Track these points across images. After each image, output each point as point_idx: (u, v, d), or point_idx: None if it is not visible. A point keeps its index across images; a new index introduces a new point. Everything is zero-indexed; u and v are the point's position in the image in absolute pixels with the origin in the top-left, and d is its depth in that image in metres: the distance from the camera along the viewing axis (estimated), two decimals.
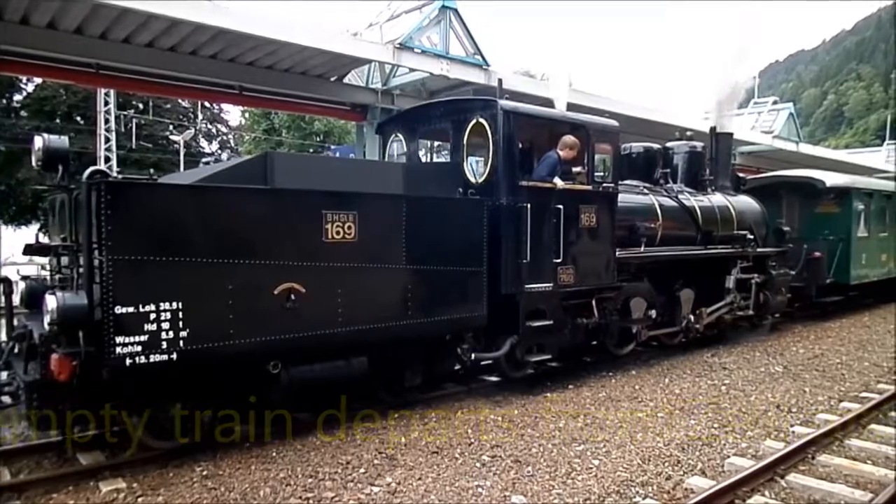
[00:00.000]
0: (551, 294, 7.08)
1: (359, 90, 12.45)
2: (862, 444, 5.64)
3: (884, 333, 11.32)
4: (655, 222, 8.65)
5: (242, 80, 11.18)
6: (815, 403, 6.93)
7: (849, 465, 5.14)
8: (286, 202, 5.27)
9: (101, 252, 4.45)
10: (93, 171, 4.58)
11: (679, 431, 5.97)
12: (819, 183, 13.05)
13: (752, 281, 10.21)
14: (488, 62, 11.75)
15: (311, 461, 5.26)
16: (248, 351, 5.04)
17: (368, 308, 5.69)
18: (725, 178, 10.88)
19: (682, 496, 4.56)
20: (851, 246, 12.90)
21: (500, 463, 5.20)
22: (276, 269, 5.12)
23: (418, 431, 5.98)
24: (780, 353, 9.57)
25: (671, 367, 8.61)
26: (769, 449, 5.44)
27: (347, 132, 38.37)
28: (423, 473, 4.99)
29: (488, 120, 6.73)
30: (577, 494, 4.62)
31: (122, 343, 4.45)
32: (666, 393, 7.30)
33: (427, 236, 6.03)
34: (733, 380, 7.91)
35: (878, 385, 7.68)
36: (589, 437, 5.81)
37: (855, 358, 9.25)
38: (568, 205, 7.06)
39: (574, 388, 7.52)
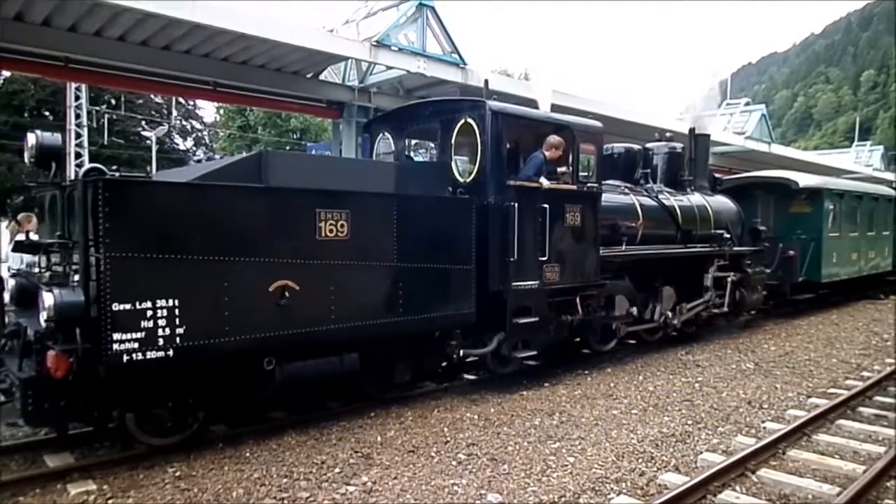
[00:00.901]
0: (537, 291, 7.20)
1: (335, 87, 12.36)
2: (830, 439, 5.76)
3: (851, 331, 11.57)
4: (637, 221, 8.83)
5: (217, 75, 11.02)
6: (785, 399, 7.05)
7: (817, 460, 5.24)
8: (280, 200, 5.32)
9: (99, 249, 4.46)
10: (89, 169, 4.62)
11: (653, 428, 6.03)
12: (792, 183, 13.40)
13: (729, 279, 10.42)
14: (465, 61, 11.74)
15: (286, 461, 5.21)
16: (243, 348, 5.08)
17: (360, 305, 5.78)
18: (703, 178, 11.11)
19: (656, 492, 4.60)
20: (823, 245, 13.26)
21: (476, 461, 5.20)
22: (270, 266, 5.17)
23: (394, 430, 5.96)
24: (751, 350, 9.72)
25: (646, 364, 8.70)
26: (740, 444, 5.52)
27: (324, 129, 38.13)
28: (400, 472, 4.97)
29: (476, 120, 6.83)
30: (552, 492, 4.64)
31: (119, 340, 4.48)
32: (640, 390, 7.37)
33: (417, 234, 6.13)
34: (706, 377, 8.02)
35: (846, 381, 7.84)
36: (564, 434, 5.84)
37: (823, 355, 9.43)
38: (553, 204, 7.19)
39: (550, 386, 7.56)
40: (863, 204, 15.50)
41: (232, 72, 10.95)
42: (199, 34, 9.68)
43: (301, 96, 12.23)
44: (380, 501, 4.50)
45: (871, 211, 15.99)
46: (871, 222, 15.94)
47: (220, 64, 10.71)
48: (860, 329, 11.72)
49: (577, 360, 8.69)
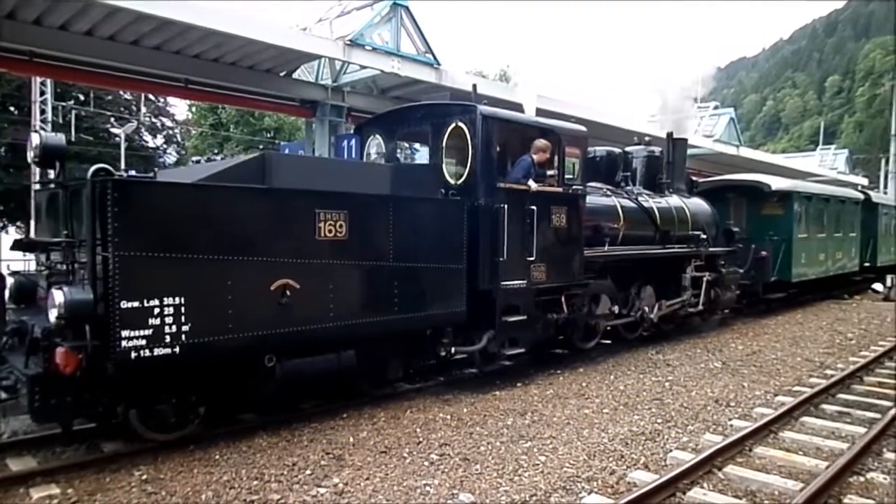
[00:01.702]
0: (525, 291, 7.40)
1: (308, 86, 12.25)
2: (795, 436, 5.88)
3: (816, 330, 11.84)
4: (618, 223, 9.08)
5: (188, 72, 10.84)
6: (752, 398, 7.19)
7: (782, 457, 5.35)
8: (282, 201, 5.46)
9: (107, 248, 4.54)
10: (97, 169, 4.66)
11: (623, 427, 6.10)
12: (765, 186, 13.99)
13: (705, 279, 10.72)
14: (439, 61, 11.74)
15: (257, 463, 5.15)
16: (246, 345, 5.21)
17: (357, 303, 5.96)
18: (680, 181, 11.41)
19: (626, 490, 4.65)
20: (793, 246, 13.79)
21: (449, 461, 5.21)
22: (272, 265, 5.31)
23: (367, 431, 5.94)
24: (719, 349, 9.89)
25: (617, 364, 8.80)
26: (708, 442, 5.61)
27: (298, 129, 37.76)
28: (371, 473, 4.95)
29: (468, 124, 7.01)
30: (523, 491, 4.66)
31: (127, 337, 4.58)
32: (611, 389, 7.45)
33: (412, 235, 6.32)
34: (676, 376, 8.14)
35: (811, 379, 8.02)
36: (536, 433, 5.88)
37: (789, 354, 9.64)
38: (541, 206, 7.39)
39: (522, 385, 7.60)
40: (830, 206, 16.04)
41: (203, 69, 10.80)
42: (169, 30, 9.52)
43: (274, 95, 12.11)
44: (351, 503, 4.47)
45: (838, 213, 16.54)
46: (838, 224, 16.49)
47: (191, 60, 10.54)
48: (824, 328, 12.01)
49: (550, 359, 8.75)
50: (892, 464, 5.19)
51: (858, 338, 11.02)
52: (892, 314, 13.94)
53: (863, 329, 11.95)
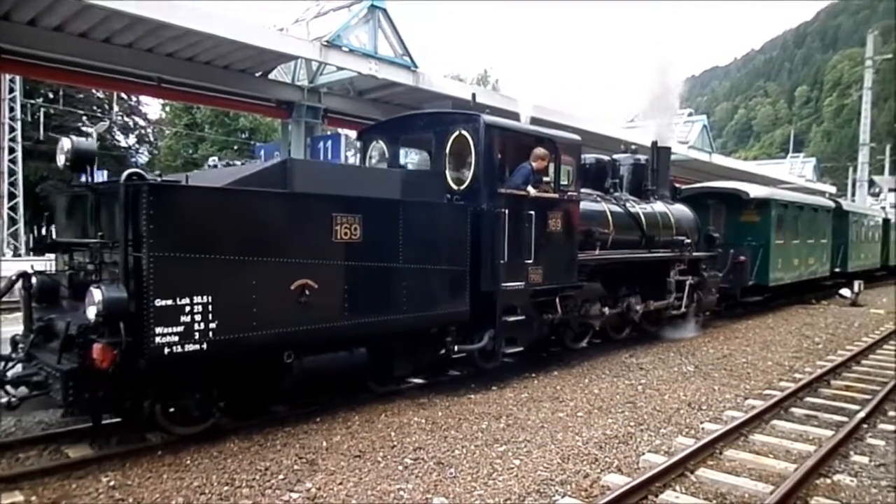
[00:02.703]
0: (523, 292, 7.72)
1: (284, 87, 12.15)
2: (765, 439, 5.97)
3: (785, 334, 12.06)
4: (608, 228, 9.40)
5: (161, 71, 10.68)
6: (723, 401, 7.28)
7: (752, 459, 5.42)
8: (302, 205, 5.77)
9: (141, 249, 4.76)
10: (130, 174, 4.84)
11: (597, 430, 6.13)
12: (743, 194, 14.48)
13: (688, 282, 11.12)
14: (417, 64, 11.73)
15: (228, 468, 5.07)
16: (267, 342, 5.45)
17: (370, 302, 6.21)
18: (665, 187, 11.77)
19: (599, 493, 4.67)
20: (770, 251, 14.32)
21: (423, 465, 5.18)
22: (292, 266, 5.56)
23: (341, 435, 5.89)
24: (692, 353, 10.01)
25: (591, 367, 8.85)
26: (681, 445, 5.66)
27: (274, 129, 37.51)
28: (345, 478, 4.90)
29: (471, 132, 7.31)
30: (498, 495, 4.66)
31: (161, 333, 4.80)
32: (585, 393, 7.49)
33: (420, 238, 6.60)
34: (649, 379, 8.21)
35: (780, 383, 8.15)
36: (511, 437, 5.88)
37: (759, 357, 9.79)
38: (538, 211, 7.71)
39: (497, 389, 7.60)
40: (804, 214, 16.65)
41: (177, 68, 10.65)
42: (141, 27, 9.37)
43: (249, 95, 11.98)
44: None
45: (812, 220, 17.14)
46: (811, 231, 17.08)
47: (164, 59, 10.39)
48: (793, 333, 12.23)
49: (525, 362, 8.78)
50: (859, 466, 5.30)
51: (826, 342, 11.24)
52: (858, 319, 14.27)
53: (830, 333, 12.20)
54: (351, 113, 13.45)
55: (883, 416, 6.72)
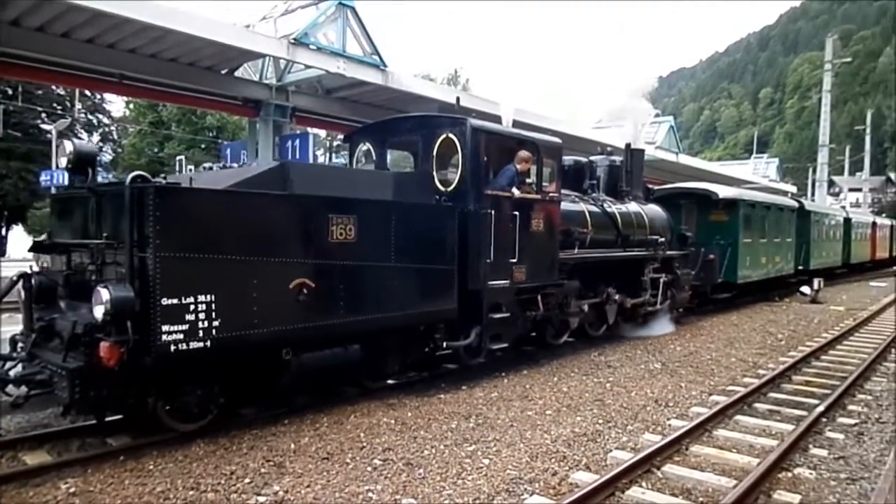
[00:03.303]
0: (508, 290, 7.98)
1: (251, 85, 11.97)
2: (729, 434, 6.07)
3: (749, 331, 12.31)
4: (586, 227, 9.66)
5: (124, 67, 10.42)
6: (689, 397, 7.39)
7: (717, 455, 5.52)
8: (300, 206, 5.95)
9: (148, 249, 4.89)
10: (135, 176, 5.01)
11: (566, 428, 6.17)
12: (713, 194, 15.00)
13: (662, 280, 11.50)
14: (385, 63, 11.67)
15: (193, 472, 4.98)
16: (267, 339, 5.63)
17: (363, 301, 6.40)
18: (638, 188, 12.09)
19: (567, 491, 4.70)
20: (738, 250, 14.91)
21: (392, 466, 5.15)
22: (290, 265, 5.75)
23: (309, 437, 5.83)
24: (659, 350, 10.15)
25: (560, 366, 8.91)
26: (647, 442, 5.73)
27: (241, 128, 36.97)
28: (313, 480, 4.85)
29: (458, 135, 7.53)
30: (467, 494, 4.65)
31: (167, 331, 4.94)
32: (555, 391, 7.54)
33: (411, 238, 6.79)
34: (617, 377, 8.30)
35: (744, 379, 8.30)
36: (480, 437, 5.88)
37: (724, 354, 9.98)
38: (522, 212, 7.99)
39: (467, 388, 7.61)
40: (770, 214, 17.28)
41: (140, 64, 10.40)
42: (102, 22, 9.12)
43: (215, 93, 11.77)
44: None
45: (777, 220, 17.79)
46: (777, 230, 17.71)
47: (126, 55, 10.13)
48: (757, 330, 12.49)
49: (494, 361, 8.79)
50: (818, 459, 5.42)
51: (788, 338, 11.50)
52: (818, 316, 14.64)
53: (792, 330, 12.49)
54: (320, 112, 13.33)
55: (842, 409, 6.90)
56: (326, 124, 15.43)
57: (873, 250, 31.32)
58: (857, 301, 17.94)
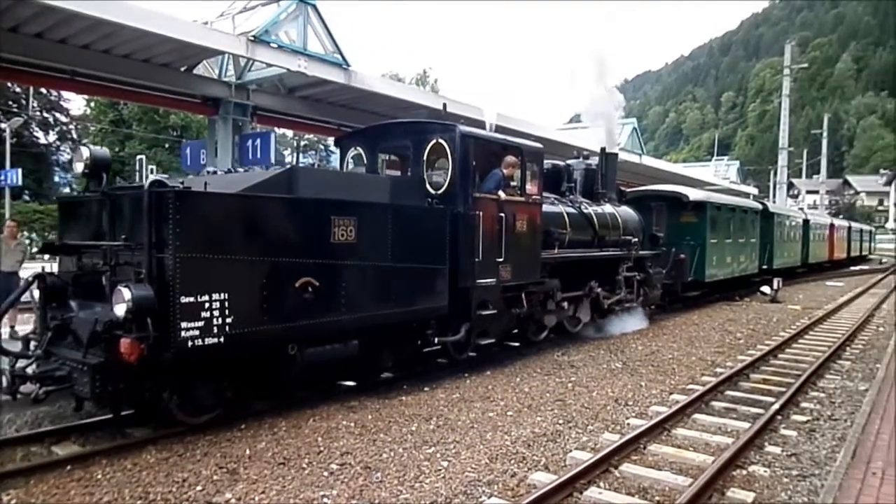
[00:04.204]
0: (495, 288, 8.37)
1: (210, 83, 11.67)
2: (686, 433, 6.13)
3: (709, 330, 12.50)
4: (565, 228, 10.06)
5: (75, 63, 10.06)
6: (649, 396, 7.45)
7: (674, 453, 5.56)
8: (307, 208, 6.27)
9: (167, 250, 5.17)
10: (154, 181, 5.32)
11: (526, 429, 6.16)
12: (683, 197, 15.74)
13: (635, 278, 12.06)
14: (349, 62, 11.53)
15: (142, 481, 4.84)
16: (275, 335, 5.94)
17: (363, 298, 6.74)
18: (612, 190, 12.54)
19: (525, 492, 4.68)
20: (706, 250, 15.60)
21: (349, 470, 5.07)
22: (297, 265, 6.06)
23: (266, 442, 5.71)
24: (621, 350, 10.23)
25: (524, 366, 8.91)
26: (607, 441, 5.74)
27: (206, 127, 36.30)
28: (267, 487, 4.75)
29: (448, 141, 7.92)
30: (424, 498, 4.60)
31: (185, 328, 5.21)
32: (517, 392, 7.53)
33: (406, 238, 7.16)
34: (579, 377, 8.33)
35: (703, 378, 8.41)
36: (440, 439, 5.83)
37: (684, 353, 10.10)
38: (507, 213, 8.37)
39: (430, 390, 7.55)
40: (736, 215, 18.06)
41: (93, 61, 10.05)
42: (51, 16, 8.79)
43: (173, 90, 11.45)
44: None
45: (742, 221, 18.55)
46: (742, 231, 18.48)
47: (78, 51, 9.76)
48: (717, 329, 12.70)
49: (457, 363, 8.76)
50: (772, 457, 5.50)
51: (746, 337, 11.72)
52: (776, 314, 14.96)
53: (751, 329, 12.73)
54: (282, 111, 13.10)
55: (796, 407, 7.03)
56: (290, 124, 15.20)
57: (831, 251, 32.24)
58: (813, 300, 18.39)
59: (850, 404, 7.12)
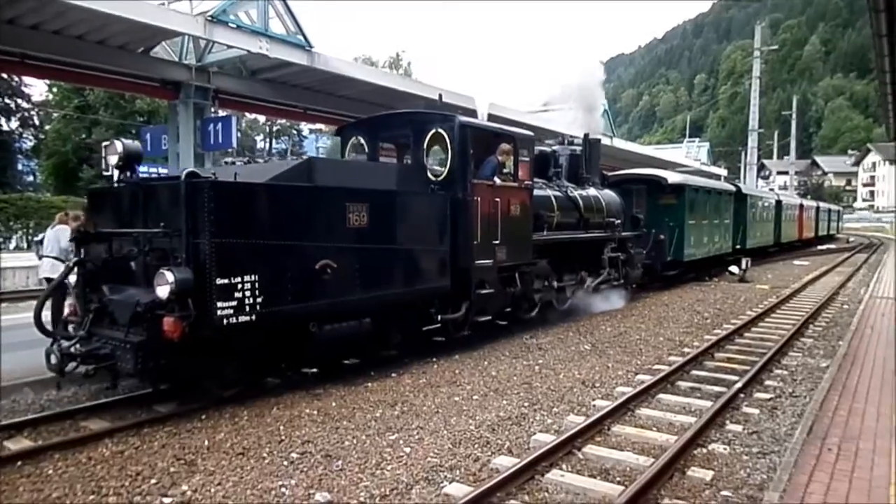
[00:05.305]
0: (492, 268, 8.86)
1: (170, 65, 11.33)
2: (650, 413, 6.16)
3: (678, 310, 12.61)
4: (553, 212, 10.53)
5: (24, 45, 9.67)
6: (615, 378, 7.47)
7: (637, 434, 5.57)
8: (325, 196, 6.77)
9: (203, 236, 5.62)
10: (189, 172, 5.79)
11: (491, 413, 6.13)
12: (662, 180, 16.33)
13: (619, 258, 12.66)
14: (311, 43, 11.27)
15: (96, 475, 4.71)
16: (300, 313, 6.47)
17: (375, 279, 7.23)
18: (596, 175, 12.99)
19: (488, 476, 4.64)
20: (684, 231, 16.26)
21: (310, 459, 4.99)
22: (317, 248, 6.55)
23: (226, 432, 5.61)
24: (590, 332, 10.25)
25: (492, 349, 8.89)
26: (571, 423, 5.73)
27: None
28: (225, 478, 4.65)
29: (447, 131, 8.40)
30: (384, 485, 4.54)
31: (221, 307, 5.69)
32: (483, 375, 7.49)
33: (412, 222, 7.72)
34: (546, 359, 8.33)
35: (669, 357, 8.47)
36: (404, 424, 5.78)
37: (652, 334, 10.16)
38: (503, 198, 8.92)
39: (396, 376, 7.49)
40: (711, 197, 18.73)
41: (44, 42, 9.67)
42: None
43: (130, 73, 11.08)
44: None
45: (717, 203, 19.20)
46: (717, 213, 19.15)
47: (26, 32, 9.38)
48: (685, 309, 12.81)
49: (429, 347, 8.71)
50: (733, 434, 5.55)
51: (713, 317, 11.84)
52: (744, 294, 15.16)
53: (718, 309, 12.87)
54: (245, 94, 12.80)
55: (759, 385, 7.11)
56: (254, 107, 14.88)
57: (800, 230, 32.87)
58: (781, 279, 18.68)
59: (810, 381, 7.23)
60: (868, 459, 4.59)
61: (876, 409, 5.77)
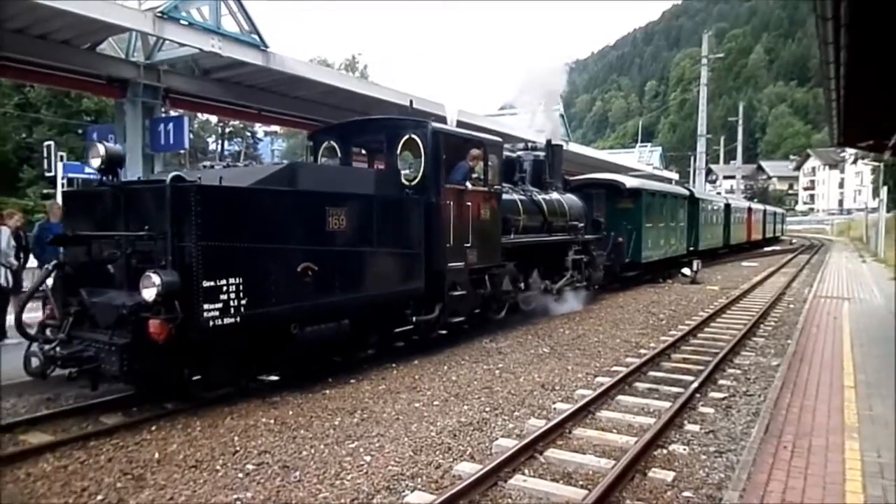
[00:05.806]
0: (463, 270, 9.09)
1: (116, 62, 10.87)
2: (610, 415, 6.19)
3: (634, 312, 12.80)
4: (520, 215, 10.81)
5: None
6: (574, 380, 7.51)
7: (598, 436, 5.59)
8: (306, 200, 6.87)
9: (189, 239, 5.63)
10: (175, 176, 5.80)
11: (452, 418, 6.06)
12: (621, 185, 17.04)
13: (582, 261, 13.05)
14: (266, 43, 11.02)
15: (36, 492, 4.47)
16: (282, 315, 6.51)
17: (354, 281, 7.37)
18: (558, 179, 13.38)
19: (450, 484, 4.57)
20: (642, 233, 16.81)
21: (266, 471, 4.83)
22: (299, 251, 6.62)
23: (178, 444, 5.39)
24: (549, 335, 10.29)
25: (452, 354, 8.83)
26: (532, 427, 5.70)
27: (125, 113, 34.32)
28: (176, 492, 4.46)
29: (420, 136, 8.60)
30: (345, 496, 4.42)
31: (207, 309, 5.70)
32: (444, 381, 7.42)
33: (388, 226, 7.85)
34: (506, 363, 8.31)
35: (627, 359, 8.56)
36: (364, 432, 5.66)
37: (610, 336, 10.28)
38: (473, 202, 9.20)
39: (355, 382, 7.35)
40: (667, 201, 19.47)
41: None
42: None
43: (74, 70, 10.60)
44: None
45: (672, 207, 19.95)
46: (672, 216, 19.87)
47: None
48: (641, 311, 13.02)
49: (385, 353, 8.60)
50: (691, 434, 5.62)
51: (669, 318, 12.06)
52: (696, 295, 15.51)
53: (672, 310, 13.12)
54: (198, 94, 12.41)
55: (713, 384, 7.24)
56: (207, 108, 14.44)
57: (749, 233, 34.00)
58: (730, 280, 19.21)
59: (763, 380, 7.40)
60: (822, 456, 4.70)
61: (826, 405, 5.93)
